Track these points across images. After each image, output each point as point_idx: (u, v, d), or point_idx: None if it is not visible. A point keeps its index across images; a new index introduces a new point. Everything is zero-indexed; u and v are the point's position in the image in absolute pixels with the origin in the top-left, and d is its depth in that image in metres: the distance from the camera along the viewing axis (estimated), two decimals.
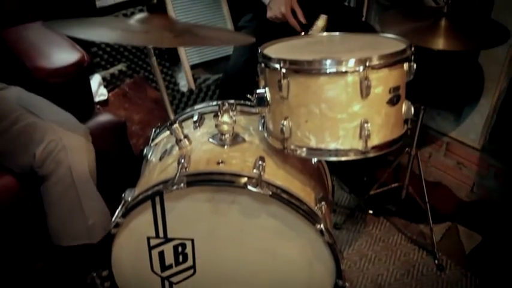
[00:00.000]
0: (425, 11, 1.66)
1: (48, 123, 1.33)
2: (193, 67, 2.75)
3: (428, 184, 2.22)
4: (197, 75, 2.77)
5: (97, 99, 2.24)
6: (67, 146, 1.31)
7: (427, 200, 1.91)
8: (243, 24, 2.00)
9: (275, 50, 1.33)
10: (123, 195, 1.29)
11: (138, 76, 2.53)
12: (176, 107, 2.69)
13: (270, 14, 1.82)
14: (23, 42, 1.71)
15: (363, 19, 2.39)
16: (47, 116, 1.35)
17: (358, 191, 2.24)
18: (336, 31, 1.51)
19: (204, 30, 1.22)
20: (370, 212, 2.16)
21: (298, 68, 1.16)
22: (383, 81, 1.17)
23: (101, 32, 1.04)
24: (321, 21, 1.62)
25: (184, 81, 2.75)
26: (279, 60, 1.18)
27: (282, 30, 1.75)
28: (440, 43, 1.47)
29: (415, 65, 1.24)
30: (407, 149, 1.93)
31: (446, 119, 2.24)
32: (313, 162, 1.45)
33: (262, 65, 1.26)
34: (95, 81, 2.27)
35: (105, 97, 2.29)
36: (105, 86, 2.35)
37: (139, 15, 1.19)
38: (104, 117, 1.72)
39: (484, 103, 2.05)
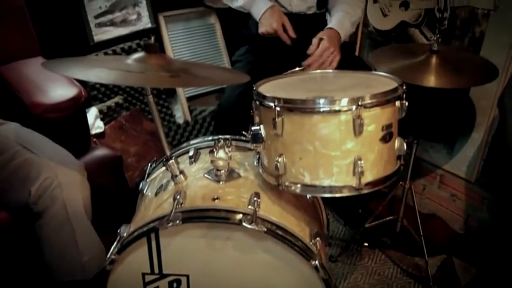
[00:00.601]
0: (416, 48, 1.69)
1: (44, 160, 1.34)
2: (189, 99, 2.78)
3: (423, 216, 2.23)
4: (193, 107, 2.80)
5: (93, 131, 2.25)
6: (62, 182, 1.32)
7: (421, 232, 1.91)
8: (238, 58, 2.05)
9: (269, 87, 1.36)
10: (118, 231, 1.29)
11: (135, 109, 2.56)
12: (172, 139, 2.71)
13: (261, 29, 1.88)
14: (21, 78, 1.73)
15: (356, 54, 2.44)
16: (43, 153, 1.37)
17: (353, 223, 2.25)
18: None
19: (200, 70, 1.25)
20: (366, 244, 2.16)
21: (292, 107, 1.19)
22: (375, 120, 1.19)
23: (99, 73, 1.06)
24: None
25: (180, 113, 2.78)
26: (273, 99, 1.21)
27: (276, 63, 1.79)
28: (431, 81, 1.50)
29: (406, 103, 1.27)
30: (401, 182, 1.94)
31: (439, 151, 2.26)
32: (308, 197, 1.47)
33: (257, 102, 1.29)
34: (92, 114, 2.30)
35: (102, 130, 2.30)
36: (102, 119, 2.37)
37: (136, 55, 1.22)
38: (100, 152, 1.73)
39: (476, 136, 2.08)
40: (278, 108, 1.19)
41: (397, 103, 1.25)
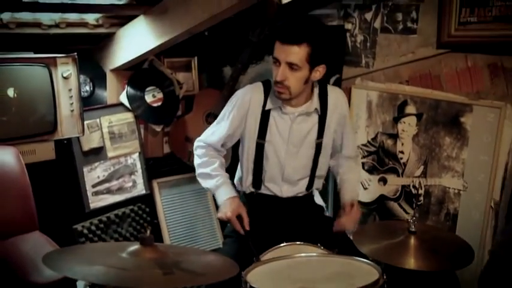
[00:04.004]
0: (395, 227, 1.79)
1: None
2: None
3: None
4: None
5: None
6: None
7: None
8: (229, 234, 2.10)
9: (257, 275, 1.43)
10: None
11: None
12: None
13: (218, 214, 1.98)
14: (18, 254, 1.79)
15: None
16: None
17: None
18: (316, 242, 1.70)
19: (192, 260, 1.34)
20: None
21: None
22: None
23: (97, 272, 1.14)
24: None
25: None
26: None
27: (267, 240, 1.87)
28: (411, 263, 1.57)
29: None
30: None
31: None
32: None
33: None
34: (81, 283, 2.30)
35: None
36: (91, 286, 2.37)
37: (132, 248, 1.30)
38: None
39: None
40: None
41: None
